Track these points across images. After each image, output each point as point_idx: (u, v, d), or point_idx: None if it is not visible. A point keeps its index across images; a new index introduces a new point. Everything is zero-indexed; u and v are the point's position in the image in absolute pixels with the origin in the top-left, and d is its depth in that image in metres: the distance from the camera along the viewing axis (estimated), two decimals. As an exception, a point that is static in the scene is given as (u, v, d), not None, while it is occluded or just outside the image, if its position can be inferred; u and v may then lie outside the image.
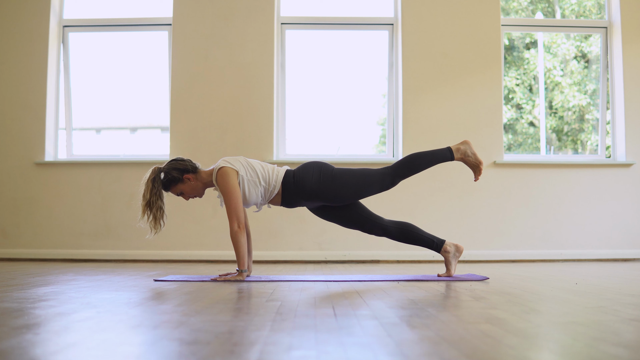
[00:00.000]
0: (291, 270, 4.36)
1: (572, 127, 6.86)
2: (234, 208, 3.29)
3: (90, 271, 4.16)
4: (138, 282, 3.21)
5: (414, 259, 5.63)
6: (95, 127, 6.85)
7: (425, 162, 3.42)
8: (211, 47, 5.83)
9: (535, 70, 6.83)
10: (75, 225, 5.75)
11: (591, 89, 6.63)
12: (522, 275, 3.72)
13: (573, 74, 6.80)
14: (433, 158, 3.42)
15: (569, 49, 6.83)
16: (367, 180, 3.39)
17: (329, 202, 3.43)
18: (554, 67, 6.79)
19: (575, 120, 6.79)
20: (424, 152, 3.44)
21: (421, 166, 3.43)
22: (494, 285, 2.98)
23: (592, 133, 6.70)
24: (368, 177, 3.40)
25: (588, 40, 6.74)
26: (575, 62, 6.85)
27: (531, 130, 6.90)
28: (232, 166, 3.35)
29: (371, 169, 3.45)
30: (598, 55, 6.45)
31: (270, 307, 2.09)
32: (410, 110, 5.82)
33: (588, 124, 6.76)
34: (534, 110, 6.85)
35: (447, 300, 2.38)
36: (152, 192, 3.37)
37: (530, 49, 6.89)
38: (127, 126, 7.28)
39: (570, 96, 6.65)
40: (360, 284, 3.13)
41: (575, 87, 6.67)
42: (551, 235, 5.79)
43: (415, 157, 3.44)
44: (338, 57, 6.37)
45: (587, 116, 6.69)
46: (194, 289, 2.79)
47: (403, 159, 3.46)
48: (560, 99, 6.67)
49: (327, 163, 3.49)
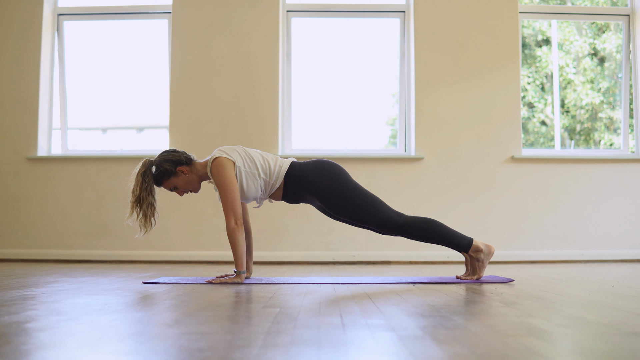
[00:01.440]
0: (296, 272, 4.04)
1: (585, 126, 6.68)
2: (230, 202, 2.97)
3: (80, 272, 3.86)
4: (125, 285, 2.90)
5: (427, 259, 5.30)
6: (91, 126, 6.56)
7: (439, 237, 3.04)
8: (213, 36, 5.53)
9: (548, 68, 6.60)
10: (69, 223, 5.45)
11: (605, 86, 6.44)
12: (548, 277, 3.38)
13: (586, 71, 6.61)
14: (450, 238, 3.04)
15: (581, 46, 6.63)
16: (374, 211, 3.02)
17: (326, 207, 3.11)
18: (567, 64, 6.59)
19: (588, 119, 6.60)
20: (445, 227, 3.06)
21: (434, 237, 3.04)
22: (522, 289, 2.65)
23: (606, 132, 6.55)
24: (378, 208, 3.03)
25: (601, 37, 6.55)
26: (588, 59, 6.67)
27: (543, 130, 6.77)
28: (229, 156, 3.04)
29: (385, 204, 3.09)
30: (612, 52, 6.27)
31: (267, 315, 1.77)
32: (424, 103, 5.49)
33: (601, 123, 6.58)
34: (545, 109, 6.71)
35: (473, 307, 2.05)
36: (142, 187, 3.07)
37: (542, 46, 6.66)
38: (129, 125, 6.99)
39: (583, 94, 6.47)
40: (371, 286, 2.80)
41: (589, 85, 6.49)
42: (572, 234, 5.45)
43: (435, 225, 3.05)
44: (347, 46, 6.04)
45: (600, 114, 6.51)
46: (184, 293, 2.47)
47: (421, 218, 3.07)
48: (573, 97, 6.49)
49: (344, 170, 3.15)
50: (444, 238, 3.05)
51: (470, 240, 3.05)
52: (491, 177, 5.45)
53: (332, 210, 3.10)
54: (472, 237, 3.09)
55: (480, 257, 3.06)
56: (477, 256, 3.06)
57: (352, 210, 3.04)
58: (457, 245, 3.06)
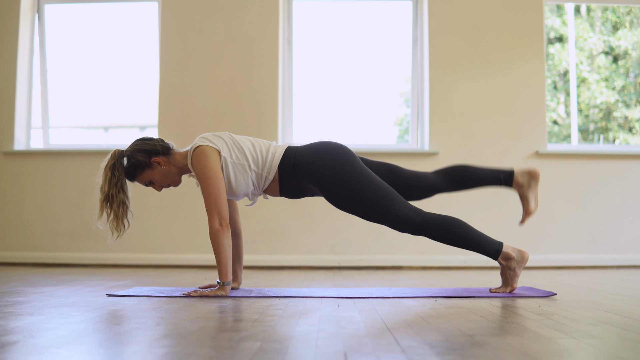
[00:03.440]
0: (296, 279, 3.54)
1: (599, 126, 6.53)
2: (214, 199, 2.47)
3: (48, 279, 3.36)
4: (83, 298, 2.40)
5: (443, 264, 4.79)
6: (75, 124, 6.07)
7: (464, 240, 2.50)
8: (206, 19, 5.03)
9: (561, 66, 6.45)
10: (48, 224, 4.96)
11: (620, 85, 6.22)
12: (592, 288, 2.86)
13: (600, 69, 6.40)
14: (477, 242, 2.50)
15: (595, 44, 6.45)
16: (386, 207, 2.49)
17: (329, 201, 2.59)
18: (581, 62, 6.40)
19: (602, 119, 6.44)
20: (471, 228, 2.53)
21: (457, 240, 2.51)
22: (570, 305, 2.12)
23: (620, 131, 6.31)
24: (392, 203, 2.49)
25: (616, 34, 6.36)
26: (603, 56, 6.48)
27: (555, 129, 6.69)
28: (213, 145, 2.54)
29: (400, 198, 2.55)
30: (627, 49, 6.01)
31: (240, 355, 1.26)
32: (438, 93, 4.98)
33: (615, 122, 6.37)
34: (558, 108, 6.62)
35: (522, 336, 1.52)
36: (111, 183, 2.60)
37: (554, 43, 6.34)
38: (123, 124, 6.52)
39: (598, 92, 6.28)
40: (384, 303, 2.28)
41: (603, 83, 6.30)
42: (602, 236, 4.93)
43: (459, 226, 2.52)
44: (353, 31, 5.51)
45: (615, 113, 6.32)
46: (148, 311, 1.97)
47: (443, 217, 2.54)
48: (587, 95, 6.30)
49: (351, 153, 2.60)
50: (469, 241, 2.52)
51: (500, 246, 2.52)
52: (513, 174, 4.92)
53: (335, 205, 2.59)
54: (502, 242, 2.55)
55: (512, 266, 2.53)
56: (508, 264, 2.53)
57: (359, 205, 2.53)
58: (484, 250, 2.53)
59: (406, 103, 6.65)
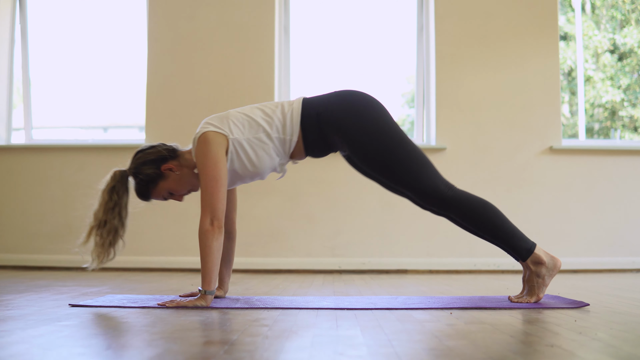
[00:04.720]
0: (293, 284, 3.21)
1: (604, 125, 6.36)
2: (209, 193, 2.14)
3: (18, 284, 3.04)
4: (44, 308, 2.07)
5: (450, 268, 4.46)
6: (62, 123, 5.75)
7: (495, 229, 2.20)
8: (197, 5, 4.71)
9: (565, 64, 6.24)
10: (29, 224, 4.65)
11: (625, 83, 6.12)
12: (621, 296, 2.53)
13: (606, 67, 6.28)
14: (509, 235, 2.20)
15: (600, 41, 6.31)
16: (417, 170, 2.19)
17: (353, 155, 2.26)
18: (586, 60, 6.25)
19: (607, 118, 6.31)
20: (506, 219, 2.24)
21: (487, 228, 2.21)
22: (610, 319, 1.80)
23: (626, 131, 6.21)
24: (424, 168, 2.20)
25: (622, 31, 6.22)
26: (608, 55, 6.35)
27: None
28: (218, 129, 2.21)
29: (434, 167, 2.25)
30: (633, 47, 5.95)
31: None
32: (445, 84, 4.66)
33: (620, 121, 6.27)
34: (562, 107, 6.48)
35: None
36: (106, 208, 2.25)
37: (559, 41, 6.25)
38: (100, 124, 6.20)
39: (603, 91, 6.13)
40: (390, 316, 1.95)
41: (608, 82, 6.19)
42: (621, 238, 4.62)
43: (493, 212, 2.24)
44: (354, 19, 5.18)
45: (620, 113, 6.21)
46: (109, 327, 1.65)
47: (477, 198, 2.25)
48: (592, 94, 6.15)
49: (383, 107, 2.30)
50: (500, 231, 2.21)
51: (532, 246, 2.20)
52: (526, 171, 4.61)
53: (360, 160, 2.26)
54: (536, 243, 2.22)
55: (542, 272, 2.20)
56: (537, 270, 2.20)
57: (388, 164, 2.20)
58: (514, 246, 2.20)
59: (408, 104, 6.34)
